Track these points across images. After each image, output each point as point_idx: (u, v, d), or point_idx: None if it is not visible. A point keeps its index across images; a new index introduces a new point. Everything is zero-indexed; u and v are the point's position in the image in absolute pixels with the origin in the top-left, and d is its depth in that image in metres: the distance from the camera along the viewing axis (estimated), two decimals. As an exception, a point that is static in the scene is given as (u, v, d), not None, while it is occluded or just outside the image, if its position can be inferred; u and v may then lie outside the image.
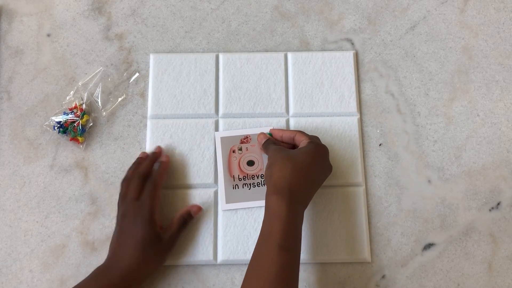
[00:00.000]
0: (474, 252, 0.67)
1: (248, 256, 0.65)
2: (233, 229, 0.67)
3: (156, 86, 0.72)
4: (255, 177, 0.68)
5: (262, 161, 0.69)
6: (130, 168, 0.67)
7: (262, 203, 0.66)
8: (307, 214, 0.67)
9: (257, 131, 0.70)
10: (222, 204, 0.67)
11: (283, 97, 0.72)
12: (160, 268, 0.64)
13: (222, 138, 0.70)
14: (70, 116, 0.70)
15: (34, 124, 0.72)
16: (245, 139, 0.70)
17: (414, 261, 0.66)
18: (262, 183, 0.68)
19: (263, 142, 0.67)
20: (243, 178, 0.68)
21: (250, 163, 0.69)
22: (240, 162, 0.69)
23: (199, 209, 0.66)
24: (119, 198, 0.65)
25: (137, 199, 0.62)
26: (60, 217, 0.68)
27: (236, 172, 0.68)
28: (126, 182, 0.65)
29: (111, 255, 0.61)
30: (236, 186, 0.68)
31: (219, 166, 0.68)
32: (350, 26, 0.77)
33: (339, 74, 0.73)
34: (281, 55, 0.74)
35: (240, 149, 0.69)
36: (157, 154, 0.68)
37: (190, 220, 0.65)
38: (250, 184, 0.68)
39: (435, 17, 0.77)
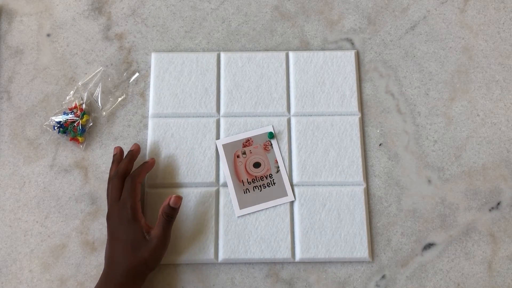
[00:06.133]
0: (474, 252, 0.67)
1: (249, 255, 0.65)
2: (234, 228, 0.66)
3: (158, 85, 0.72)
4: (264, 178, 0.68)
5: (268, 161, 0.69)
6: (111, 169, 0.66)
7: (275, 202, 0.67)
8: (307, 213, 0.67)
9: (257, 132, 0.70)
10: (236, 211, 0.66)
11: (285, 96, 0.72)
12: (159, 265, 0.63)
13: (224, 145, 0.69)
14: (70, 116, 0.70)
15: (34, 124, 0.72)
16: (247, 142, 0.70)
17: (414, 261, 0.66)
18: (272, 182, 0.68)
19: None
20: (252, 181, 0.68)
21: (257, 165, 0.68)
22: (246, 166, 0.68)
23: (178, 198, 0.61)
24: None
25: (119, 199, 0.61)
26: (60, 217, 0.68)
27: (244, 176, 0.68)
28: (109, 183, 0.64)
29: (106, 263, 0.61)
30: (247, 190, 0.67)
31: (226, 173, 0.68)
32: (350, 26, 0.77)
33: (340, 74, 0.73)
34: (282, 54, 0.74)
35: (244, 153, 0.69)
36: (135, 152, 0.66)
37: (174, 213, 0.61)
38: (260, 186, 0.68)
39: (435, 17, 0.77)
